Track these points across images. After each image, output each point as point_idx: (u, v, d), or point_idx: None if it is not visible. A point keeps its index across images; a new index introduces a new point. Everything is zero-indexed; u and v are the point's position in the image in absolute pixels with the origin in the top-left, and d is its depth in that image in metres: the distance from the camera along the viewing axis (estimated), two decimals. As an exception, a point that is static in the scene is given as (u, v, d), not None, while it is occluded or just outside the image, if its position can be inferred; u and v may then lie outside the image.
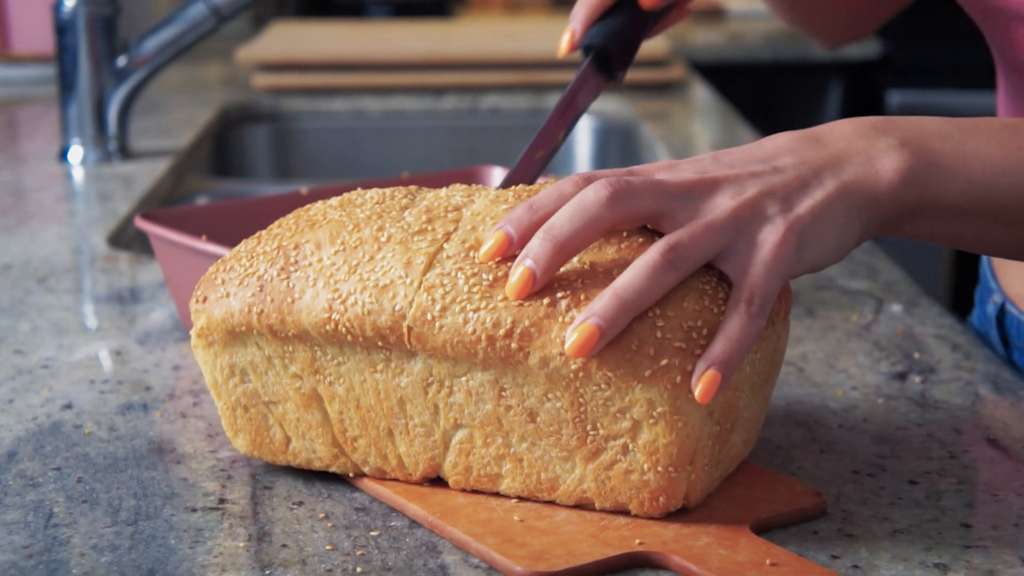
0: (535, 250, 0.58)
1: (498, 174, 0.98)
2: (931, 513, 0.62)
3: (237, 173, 1.71)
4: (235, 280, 0.64)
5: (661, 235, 0.60)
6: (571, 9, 0.88)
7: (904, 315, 0.90)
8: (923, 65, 2.41)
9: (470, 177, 0.97)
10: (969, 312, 1.01)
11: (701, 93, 1.89)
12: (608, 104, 1.74)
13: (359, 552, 0.58)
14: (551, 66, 1.81)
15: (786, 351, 0.78)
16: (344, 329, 0.61)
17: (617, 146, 1.71)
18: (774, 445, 0.69)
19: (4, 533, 0.60)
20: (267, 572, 0.57)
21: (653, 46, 1.86)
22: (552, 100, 1.77)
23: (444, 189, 0.65)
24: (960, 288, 2.11)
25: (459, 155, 1.74)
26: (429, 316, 0.59)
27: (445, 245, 0.61)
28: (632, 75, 1.80)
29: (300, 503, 0.63)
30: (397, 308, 0.60)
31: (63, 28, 1.35)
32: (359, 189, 0.67)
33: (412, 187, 0.66)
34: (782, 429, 0.71)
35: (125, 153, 1.38)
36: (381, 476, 0.64)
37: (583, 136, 1.76)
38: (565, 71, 1.80)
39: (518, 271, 0.58)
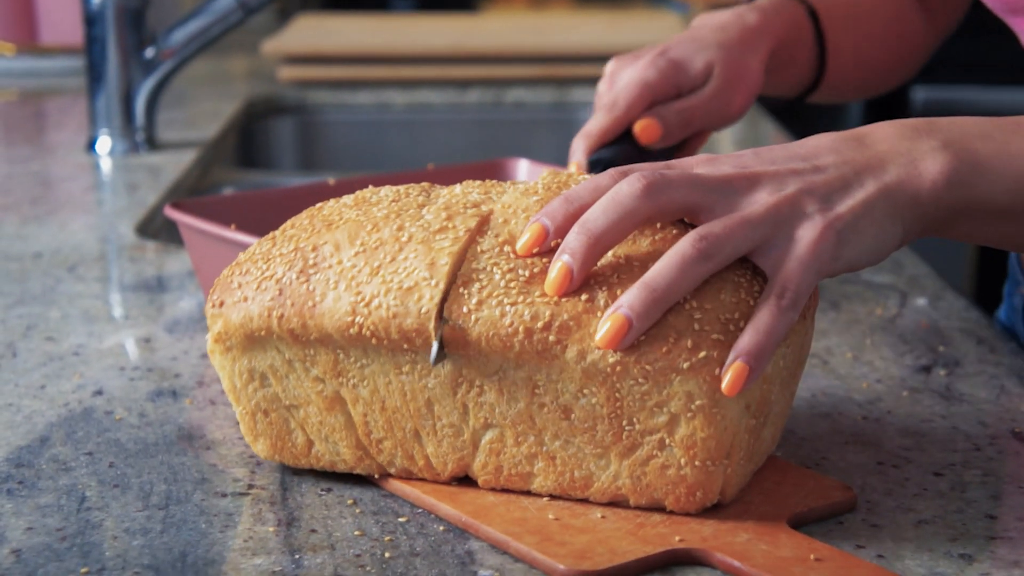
0: (571, 244, 0.58)
1: (524, 166, 0.99)
2: (956, 504, 0.62)
3: (262, 165, 1.72)
4: (252, 284, 0.63)
5: (695, 228, 0.60)
6: (595, 4, 0.90)
7: (929, 309, 0.90)
8: (948, 61, 2.39)
9: (496, 169, 0.98)
10: (994, 307, 1.01)
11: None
12: (632, 98, 1.73)
13: (387, 538, 0.59)
14: (575, 60, 1.81)
15: (811, 345, 0.78)
16: (368, 332, 0.60)
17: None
18: (799, 436, 0.69)
19: (38, 516, 0.61)
20: (296, 556, 0.57)
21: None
22: (576, 94, 1.78)
23: (458, 186, 0.65)
24: (984, 283, 2.10)
25: (483, 148, 1.75)
26: (465, 309, 0.59)
27: (479, 239, 0.60)
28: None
29: (328, 489, 0.64)
30: (423, 310, 0.59)
31: (92, 20, 1.36)
32: (371, 187, 0.66)
33: (425, 184, 0.66)
34: (807, 421, 0.71)
35: (152, 144, 1.40)
36: (408, 476, 0.63)
37: (607, 130, 1.76)
38: (589, 65, 1.80)
39: (556, 267, 0.58)
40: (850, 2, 0.96)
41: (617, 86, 0.86)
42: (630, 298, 0.56)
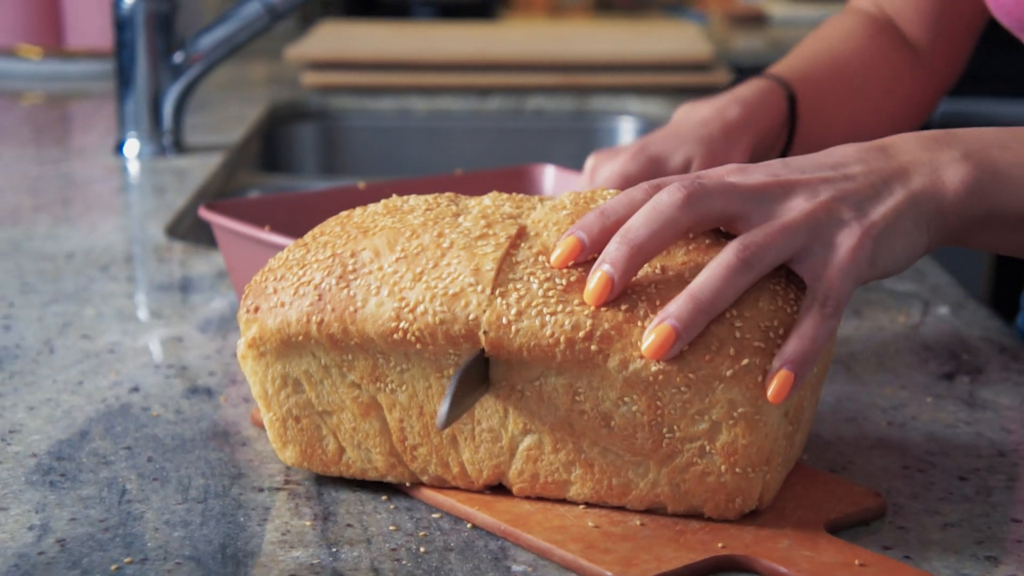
0: (612, 254, 0.58)
1: (551, 173, 1.00)
2: (981, 508, 0.63)
3: (285, 169, 1.74)
4: (289, 289, 0.63)
5: (730, 237, 0.61)
6: (614, 14, 0.90)
7: (951, 317, 0.91)
8: (967, 74, 2.40)
9: (523, 175, 0.99)
10: (1011, 316, 1.02)
11: (744, 98, 1.90)
12: (652, 107, 1.75)
13: (421, 533, 0.60)
14: (595, 69, 1.83)
15: (835, 351, 0.79)
16: (413, 338, 0.60)
17: (661, 149, 1.72)
18: (824, 440, 0.70)
19: (81, 507, 0.62)
20: (334, 550, 0.59)
21: (696, 50, 1.88)
22: (596, 103, 1.79)
23: (487, 198, 0.65)
24: (1001, 292, 2.11)
25: (503, 155, 1.76)
26: (505, 320, 0.59)
27: (513, 251, 0.61)
28: (675, 79, 1.82)
29: (362, 485, 0.65)
30: (471, 316, 0.59)
31: (122, 24, 1.38)
32: (396, 196, 0.67)
33: (451, 194, 0.66)
34: (832, 425, 0.72)
35: (179, 147, 1.41)
36: (440, 485, 0.63)
37: (627, 139, 1.77)
38: (609, 74, 1.81)
39: (596, 276, 0.58)
40: (842, 71, 0.97)
41: (597, 181, 0.87)
42: (676, 308, 0.57)
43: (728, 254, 0.58)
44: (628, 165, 0.86)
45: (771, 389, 0.57)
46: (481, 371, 0.60)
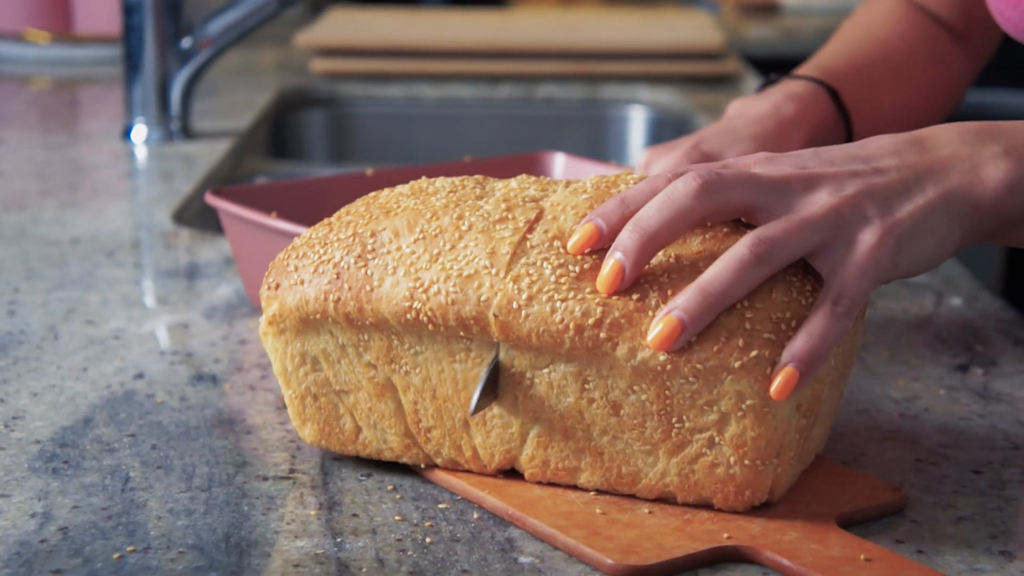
0: (624, 242, 0.57)
1: (560, 161, 0.99)
2: (995, 502, 0.62)
3: (294, 156, 1.73)
4: (309, 267, 0.63)
5: (749, 226, 0.59)
6: (625, 2, 0.89)
7: (965, 308, 0.90)
8: (989, 64, 2.37)
9: (533, 162, 0.98)
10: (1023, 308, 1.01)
11: (754, 87, 1.89)
12: (662, 96, 1.74)
13: (427, 523, 0.59)
14: (606, 57, 1.81)
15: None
16: (426, 318, 0.60)
17: (671, 138, 1.71)
18: (837, 432, 0.69)
19: (84, 495, 0.62)
20: (338, 540, 0.58)
21: (707, 39, 1.86)
22: (606, 91, 1.78)
23: (514, 181, 0.65)
24: (1015, 283, 2.09)
25: (513, 143, 1.75)
26: (515, 305, 0.58)
27: (528, 235, 0.60)
28: (686, 68, 1.81)
29: (368, 475, 0.64)
30: (483, 298, 0.59)
31: (131, 8, 1.37)
32: (424, 178, 0.66)
33: (479, 176, 0.66)
34: (844, 416, 0.71)
35: (187, 133, 1.40)
36: (454, 467, 0.63)
37: (637, 127, 1.76)
38: (620, 62, 1.80)
39: (608, 264, 0.58)
40: (887, 56, 0.95)
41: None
42: (684, 300, 0.56)
43: (742, 247, 0.56)
44: (682, 163, 0.85)
45: (775, 386, 0.56)
46: (495, 376, 0.60)
